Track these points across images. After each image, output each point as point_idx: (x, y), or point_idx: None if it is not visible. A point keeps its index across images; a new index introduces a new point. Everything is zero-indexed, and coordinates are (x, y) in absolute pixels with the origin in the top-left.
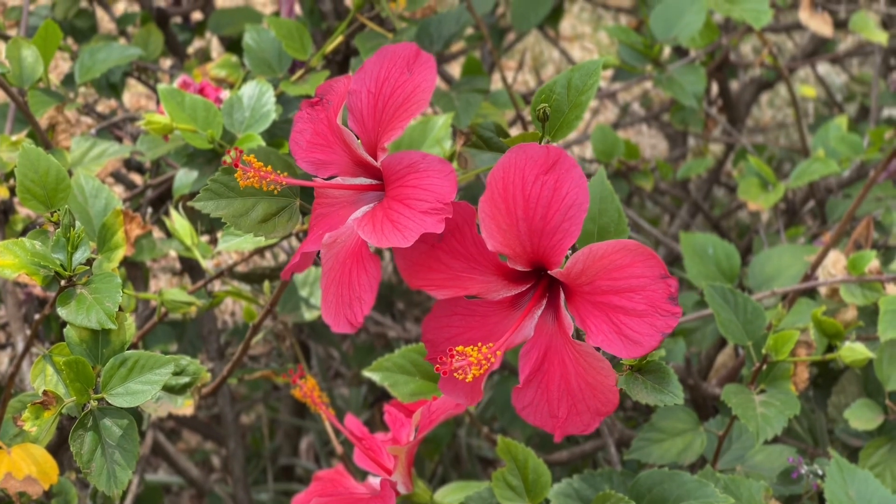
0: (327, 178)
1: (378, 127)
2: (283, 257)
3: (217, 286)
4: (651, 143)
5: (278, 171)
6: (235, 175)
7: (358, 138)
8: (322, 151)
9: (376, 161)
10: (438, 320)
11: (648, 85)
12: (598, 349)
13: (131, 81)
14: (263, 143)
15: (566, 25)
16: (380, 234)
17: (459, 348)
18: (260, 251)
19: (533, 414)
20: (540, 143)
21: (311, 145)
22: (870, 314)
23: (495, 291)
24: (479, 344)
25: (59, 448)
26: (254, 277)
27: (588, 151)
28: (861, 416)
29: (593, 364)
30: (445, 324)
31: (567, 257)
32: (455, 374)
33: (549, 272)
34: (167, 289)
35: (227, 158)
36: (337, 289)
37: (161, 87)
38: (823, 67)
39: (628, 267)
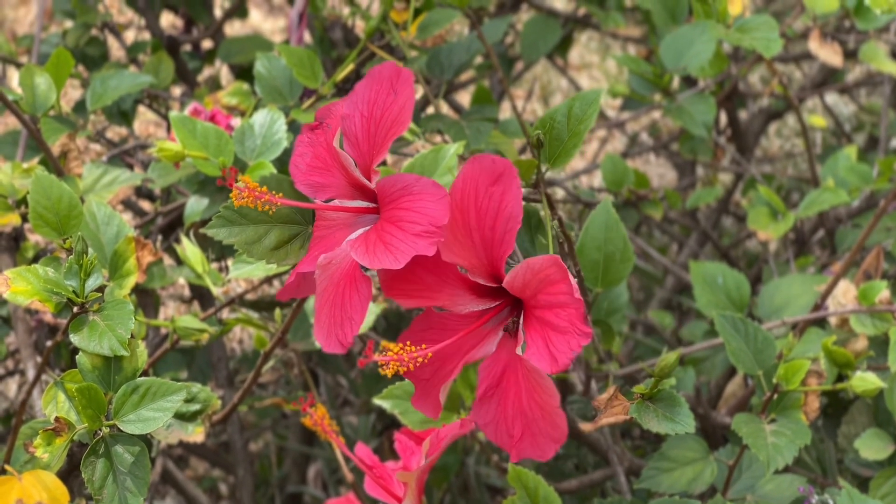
0: (326, 200)
1: (371, 149)
2: None
3: (226, 314)
4: (659, 172)
5: (288, 198)
6: (230, 196)
7: (354, 161)
8: (321, 174)
9: (371, 183)
10: (415, 335)
11: (657, 114)
12: None
13: (140, 109)
14: (275, 171)
15: (574, 55)
16: (372, 255)
17: (384, 342)
18: (268, 279)
19: (493, 432)
20: (537, 169)
21: (311, 168)
22: (880, 344)
23: (462, 305)
24: (407, 343)
25: (69, 475)
26: (263, 305)
27: (596, 180)
28: (871, 446)
29: (539, 382)
30: (420, 338)
31: (507, 270)
32: (379, 370)
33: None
34: (176, 316)
35: (222, 183)
36: (330, 309)
37: (173, 114)
38: (831, 97)
39: (558, 283)
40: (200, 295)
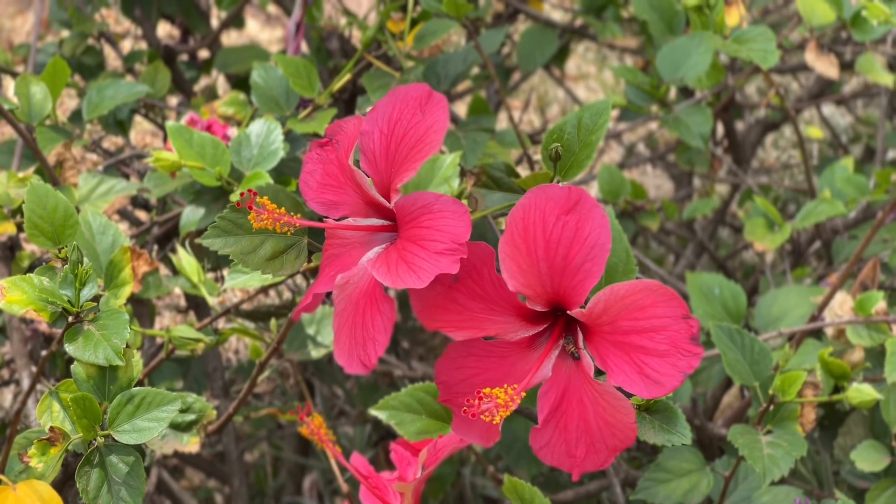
0: (338, 218)
1: (391, 168)
2: (287, 295)
3: (221, 324)
4: (656, 183)
5: (291, 212)
6: (249, 217)
7: (370, 179)
8: (333, 192)
9: (389, 202)
10: (453, 361)
11: (653, 125)
12: (619, 388)
13: (137, 119)
14: (271, 181)
15: (571, 65)
16: (395, 275)
17: (487, 390)
18: (265, 289)
19: (550, 454)
20: (551, 182)
21: (322, 186)
22: (876, 355)
23: (513, 332)
24: (505, 386)
25: (63, 485)
26: (258, 315)
27: (593, 191)
28: (868, 458)
29: (613, 403)
30: (461, 365)
31: (589, 297)
32: (482, 417)
33: (567, 312)
34: (171, 326)
35: (236, 198)
36: (351, 330)
37: (169, 124)
38: (828, 109)
39: (651, 307)
40: (196, 305)
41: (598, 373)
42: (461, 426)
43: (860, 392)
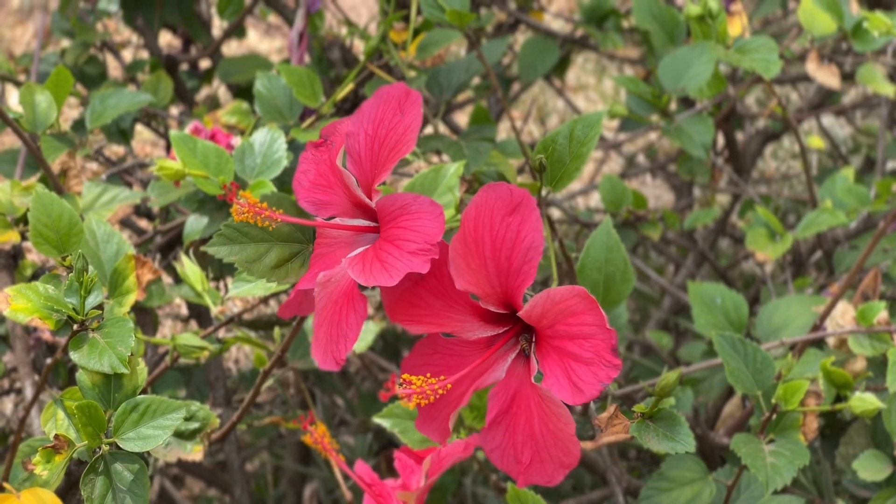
0: (327, 218)
1: (374, 168)
2: None
3: (222, 333)
4: (655, 193)
5: (289, 216)
6: (231, 210)
7: (357, 180)
8: (323, 192)
9: (372, 202)
10: (419, 358)
11: (653, 136)
12: None
13: (137, 128)
14: (275, 189)
15: (570, 76)
16: (368, 273)
17: (405, 376)
18: (265, 299)
19: (500, 458)
20: (539, 192)
21: (314, 185)
22: (878, 365)
23: (471, 331)
24: (427, 375)
25: (66, 493)
26: (260, 325)
27: (592, 201)
28: (869, 467)
29: (554, 410)
30: (425, 362)
31: (525, 299)
32: (402, 403)
33: (517, 314)
34: (173, 335)
35: (223, 198)
36: (328, 328)
37: (173, 133)
38: (827, 119)
39: (581, 314)
40: (198, 314)
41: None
42: (422, 423)
43: (863, 401)
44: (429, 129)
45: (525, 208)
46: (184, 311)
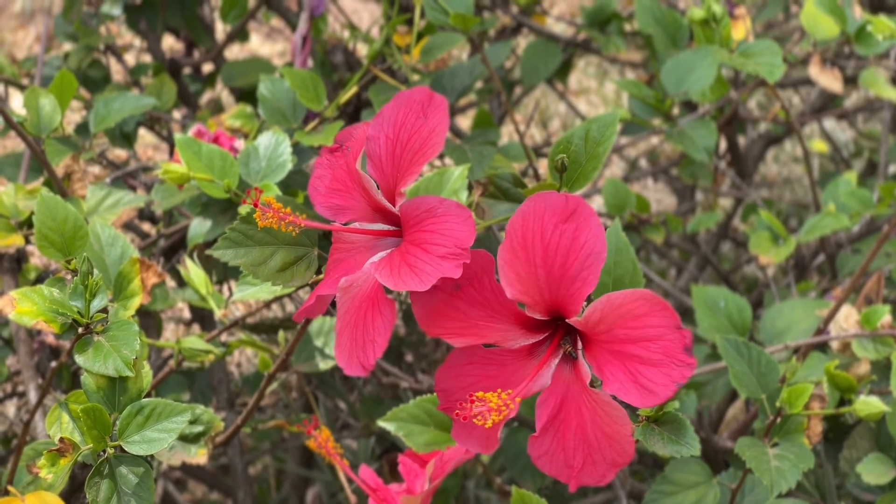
0: (345, 223)
1: (396, 172)
2: (290, 308)
3: (224, 336)
4: (657, 197)
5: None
6: (255, 216)
7: (376, 184)
8: (340, 197)
9: (394, 206)
10: (454, 369)
11: (655, 140)
12: (614, 398)
13: (140, 132)
14: (280, 193)
15: (572, 80)
16: (397, 277)
17: (479, 394)
18: (267, 304)
19: (548, 463)
20: (558, 192)
21: (330, 191)
22: (882, 368)
23: (513, 340)
24: (499, 390)
25: (70, 496)
26: (263, 328)
27: (596, 204)
28: (873, 471)
29: (610, 413)
30: (461, 373)
31: (584, 306)
32: (475, 420)
33: (566, 321)
34: (176, 338)
35: (248, 203)
36: (352, 332)
37: (178, 136)
38: (829, 123)
39: (645, 317)
40: (201, 317)
41: (596, 382)
42: (461, 434)
43: (868, 404)
44: None
45: (581, 215)
46: (187, 314)
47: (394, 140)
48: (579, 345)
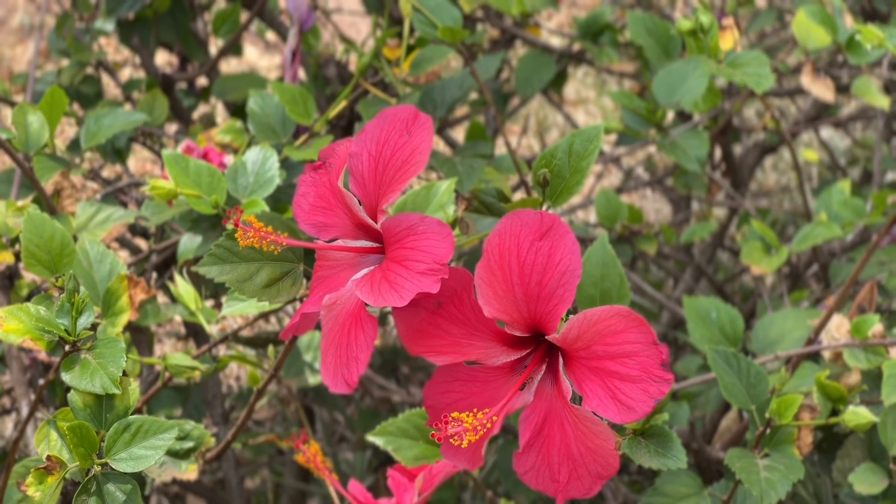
0: (329, 240)
1: (378, 189)
2: (287, 322)
3: (222, 351)
4: (655, 207)
5: (280, 234)
6: (236, 235)
7: (359, 201)
8: (324, 214)
9: (377, 223)
10: (439, 386)
11: (652, 149)
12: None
13: (136, 146)
14: (267, 209)
15: (570, 90)
16: (377, 293)
17: (455, 414)
18: (265, 316)
19: (534, 479)
20: (540, 208)
21: (314, 208)
22: (874, 378)
23: (495, 357)
24: (475, 410)
25: None
26: (258, 342)
27: (592, 216)
28: (865, 480)
29: (592, 428)
30: (446, 389)
31: (563, 322)
32: (451, 441)
33: (546, 338)
34: (170, 354)
35: (228, 223)
36: (336, 350)
37: (165, 152)
38: (827, 132)
39: (622, 333)
40: (195, 332)
41: (578, 398)
42: (448, 451)
43: (856, 415)
44: None
45: (556, 232)
46: (184, 329)
47: (376, 157)
48: (560, 361)
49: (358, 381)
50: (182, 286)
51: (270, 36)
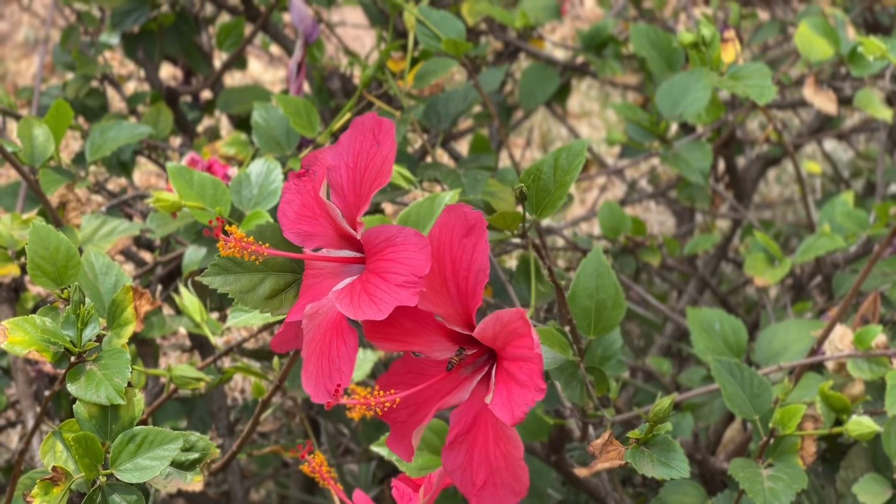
0: (314, 249)
1: (357, 200)
2: None
3: (227, 363)
4: (659, 219)
5: (285, 250)
6: (217, 245)
7: (341, 211)
8: (309, 223)
9: (357, 234)
10: (392, 378)
11: (656, 161)
12: None
13: (141, 159)
14: (271, 220)
15: (574, 103)
16: (356, 307)
17: (352, 386)
18: (269, 328)
19: (459, 479)
20: (522, 221)
21: (299, 217)
22: (877, 389)
23: (439, 351)
24: (376, 388)
25: None
26: (263, 354)
27: (597, 228)
28: (869, 491)
29: (506, 432)
30: (399, 381)
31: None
32: (347, 413)
33: (473, 335)
34: (169, 366)
35: (208, 234)
36: (318, 360)
37: (169, 164)
38: (830, 144)
39: (525, 337)
40: (201, 344)
41: None
42: (393, 442)
43: (859, 424)
44: (430, 158)
45: (478, 230)
46: (189, 341)
47: (353, 168)
48: (496, 362)
49: (341, 391)
50: (187, 298)
51: (274, 49)
